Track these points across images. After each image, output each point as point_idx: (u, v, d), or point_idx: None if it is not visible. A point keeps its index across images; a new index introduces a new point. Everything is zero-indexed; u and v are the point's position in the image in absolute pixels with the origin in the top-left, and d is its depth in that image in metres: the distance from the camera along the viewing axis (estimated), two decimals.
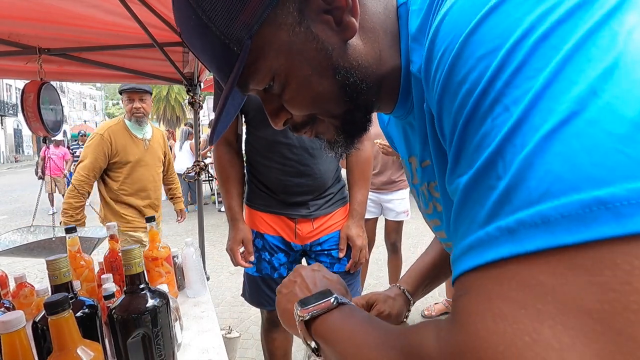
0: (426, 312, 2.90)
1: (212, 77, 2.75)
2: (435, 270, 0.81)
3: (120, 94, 2.59)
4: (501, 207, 0.28)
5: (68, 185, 8.37)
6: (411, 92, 0.47)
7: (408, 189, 3.03)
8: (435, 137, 0.42)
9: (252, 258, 1.59)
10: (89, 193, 2.46)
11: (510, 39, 0.29)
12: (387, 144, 2.72)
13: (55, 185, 7.24)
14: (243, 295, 1.78)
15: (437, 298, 3.06)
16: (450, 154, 0.34)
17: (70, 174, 7.78)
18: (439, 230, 0.58)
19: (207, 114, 8.65)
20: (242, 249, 1.60)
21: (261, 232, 1.61)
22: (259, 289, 1.66)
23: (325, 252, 1.61)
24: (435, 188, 0.53)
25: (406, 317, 0.77)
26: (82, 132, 10.44)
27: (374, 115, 0.54)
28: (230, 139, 1.60)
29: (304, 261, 1.73)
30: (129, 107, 2.52)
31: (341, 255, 1.60)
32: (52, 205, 7.42)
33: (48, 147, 3.16)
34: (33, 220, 2.61)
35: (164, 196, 2.79)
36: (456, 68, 0.32)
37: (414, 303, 0.78)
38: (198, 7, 0.42)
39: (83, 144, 8.89)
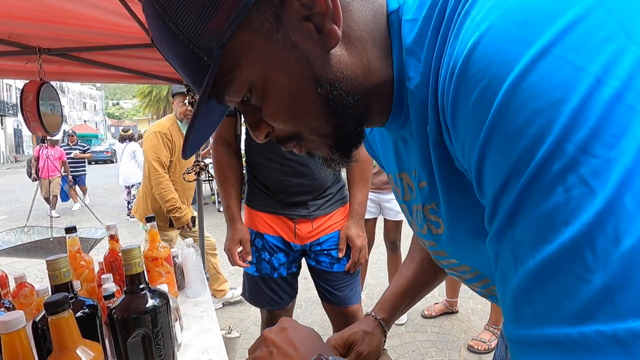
0: (426, 312, 2.89)
1: None
2: (412, 292, 0.80)
3: (173, 96, 2.75)
4: (600, 308, 0.25)
5: (63, 184, 8.20)
6: (405, 106, 0.45)
7: None
8: (445, 166, 0.41)
9: (250, 258, 1.60)
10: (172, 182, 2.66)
11: (574, 93, 0.26)
12: None
13: (49, 186, 7.18)
14: (243, 294, 1.78)
15: (437, 298, 3.06)
16: (503, 209, 0.30)
17: (65, 178, 7.68)
18: (435, 249, 0.56)
19: None
20: (239, 249, 1.61)
21: (261, 232, 1.61)
22: (259, 289, 1.66)
23: (325, 252, 1.62)
24: (431, 211, 0.51)
25: (383, 351, 0.77)
26: (70, 131, 9.71)
27: None
28: (229, 139, 1.60)
29: (303, 261, 1.73)
30: (184, 109, 2.69)
31: (340, 255, 1.60)
32: (54, 207, 7.34)
33: (47, 147, 3.19)
34: (27, 221, 2.61)
35: None
36: (506, 117, 0.28)
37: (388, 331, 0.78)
38: (165, 14, 0.39)
39: (73, 145, 8.73)
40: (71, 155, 8.23)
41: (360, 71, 0.43)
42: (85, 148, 9.02)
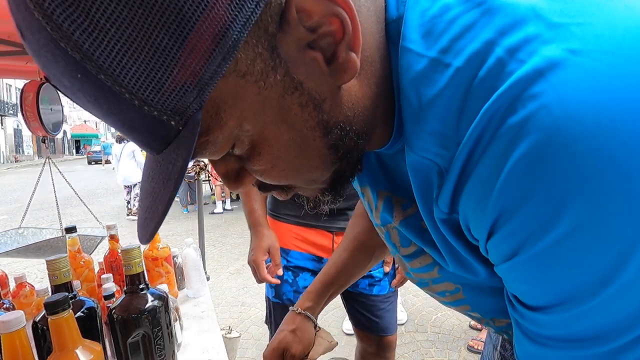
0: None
1: None
2: (341, 280, 0.79)
3: None
4: None
5: None
6: (404, 132, 0.36)
7: None
8: (456, 237, 0.37)
9: (281, 272, 1.35)
10: None
11: None
12: None
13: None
14: (267, 323, 1.51)
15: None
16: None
17: None
18: (419, 269, 0.50)
19: None
20: (266, 260, 1.35)
21: (286, 248, 1.38)
22: (278, 320, 1.33)
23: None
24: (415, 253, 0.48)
25: (317, 331, 0.77)
26: None
27: None
28: None
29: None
30: None
31: (387, 269, 1.37)
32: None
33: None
34: (22, 222, 2.61)
35: None
36: None
37: (316, 318, 0.78)
38: (87, 60, 0.24)
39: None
40: None
41: (371, 102, 0.35)
42: None
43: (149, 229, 0.32)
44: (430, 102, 0.32)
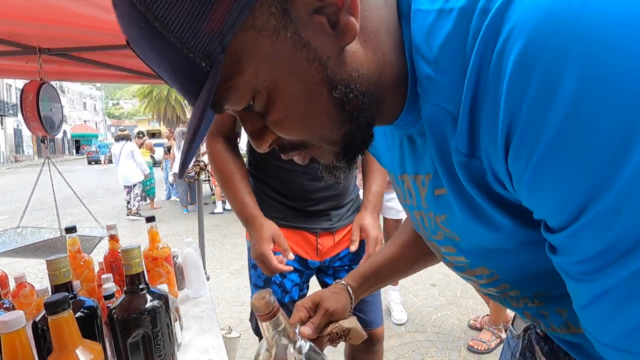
0: (472, 322, 2.72)
1: None
2: (385, 271, 0.78)
3: None
4: None
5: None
6: (418, 102, 0.41)
7: None
8: (473, 181, 0.38)
9: (292, 256, 1.26)
10: None
11: None
12: None
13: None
14: (251, 321, 1.51)
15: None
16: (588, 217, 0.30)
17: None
18: (452, 255, 0.53)
19: None
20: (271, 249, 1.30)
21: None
22: None
23: (346, 267, 1.44)
24: (442, 222, 0.48)
25: (351, 310, 0.75)
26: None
27: None
28: (228, 135, 1.36)
29: (313, 278, 1.53)
30: None
31: (353, 248, 1.34)
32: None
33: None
34: (20, 221, 2.61)
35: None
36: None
37: (356, 301, 0.76)
38: (149, 12, 0.33)
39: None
40: None
41: (376, 67, 0.39)
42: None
43: (182, 162, 0.40)
44: (440, 50, 0.36)
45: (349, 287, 0.75)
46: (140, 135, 8.10)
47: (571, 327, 0.49)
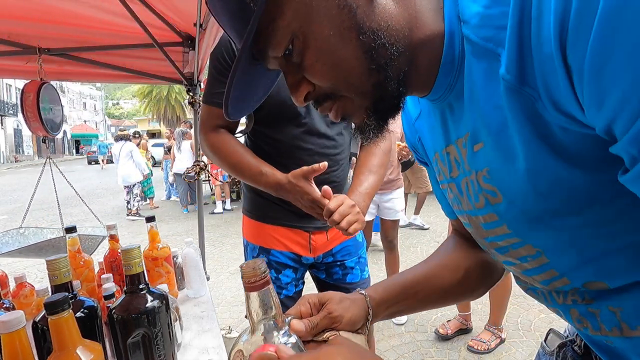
0: (441, 331, 2.62)
1: None
2: (412, 287, 0.66)
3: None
4: None
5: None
6: (457, 64, 0.43)
7: (403, 187, 3.05)
8: (522, 114, 0.37)
9: (325, 164, 1.14)
10: None
11: None
12: (406, 145, 2.72)
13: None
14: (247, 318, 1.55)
15: (448, 315, 3.04)
16: None
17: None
18: (494, 227, 0.49)
19: None
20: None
21: (267, 247, 1.39)
22: None
23: (338, 262, 1.47)
24: (484, 179, 0.46)
25: (367, 328, 0.63)
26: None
27: None
28: (231, 127, 1.33)
29: (307, 274, 1.54)
30: None
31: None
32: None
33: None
34: (23, 222, 2.61)
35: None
36: None
37: (373, 320, 0.63)
38: None
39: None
40: None
41: (406, 23, 0.42)
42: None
43: (230, 103, 0.49)
44: None
45: (367, 298, 0.64)
46: (137, 136, 7.95)
47: (625, 329, 0.45)
